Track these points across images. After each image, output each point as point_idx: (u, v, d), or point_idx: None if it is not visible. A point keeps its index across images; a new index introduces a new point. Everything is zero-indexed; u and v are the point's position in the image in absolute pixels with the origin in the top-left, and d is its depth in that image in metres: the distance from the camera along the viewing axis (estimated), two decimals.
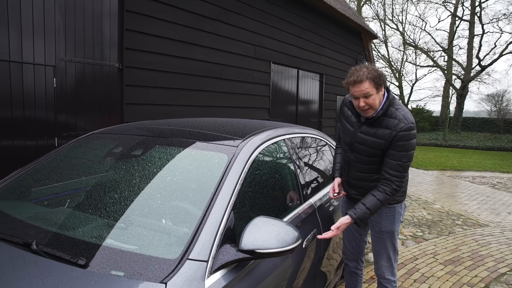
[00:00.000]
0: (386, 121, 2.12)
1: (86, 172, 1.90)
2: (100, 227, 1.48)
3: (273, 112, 7.27)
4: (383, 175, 2.14)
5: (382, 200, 2.12)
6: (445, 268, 3.75)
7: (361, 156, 2.23)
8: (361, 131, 2.21)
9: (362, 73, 2.06)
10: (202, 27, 5.28)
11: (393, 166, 2.10)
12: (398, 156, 2.09)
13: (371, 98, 2.07)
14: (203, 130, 2.06)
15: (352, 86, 2.10)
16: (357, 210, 2.13)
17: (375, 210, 2.14)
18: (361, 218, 2.12)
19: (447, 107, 23.38)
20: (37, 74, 3.56)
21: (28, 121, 3.52)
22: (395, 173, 2.10)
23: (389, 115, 2.13)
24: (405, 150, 2.08)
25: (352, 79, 2.09)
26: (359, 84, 2.06)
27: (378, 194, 2.13)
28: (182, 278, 1.19)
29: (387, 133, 2.09)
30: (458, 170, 10.50)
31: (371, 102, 2.09)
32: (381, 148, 2.13)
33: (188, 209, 1.50)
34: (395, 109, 2.14)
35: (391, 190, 2.12)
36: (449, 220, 5.50)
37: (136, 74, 4.41)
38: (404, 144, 2.07)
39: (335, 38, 9.28)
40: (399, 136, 2.07)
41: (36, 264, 1.27)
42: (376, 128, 2.14)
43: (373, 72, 2.07)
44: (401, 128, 2.06)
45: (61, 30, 3.70)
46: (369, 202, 2.13)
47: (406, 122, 2.08)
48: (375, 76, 2.06)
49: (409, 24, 33.02)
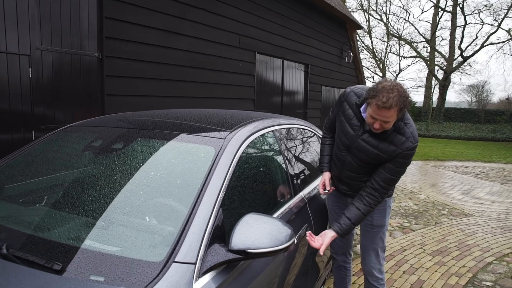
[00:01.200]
0: (393, 136, 1.96)
1: (63, 168, 1.77)
2: (78, 227, 1.37)
3: (258, 103, 7.17)
4: (372, 184, 2.05)
5: (365, 213, 2.07)
6: (433, 259, 3.76)
7: (358, 161, 2.12)
8: (362, 139, 2.05)
9: (392, 99, 1.78)
10: (185, 16, 5.12)
11: (386, 179, 2.02)
12: (394, 171, 2.01)
13: (388, 124, 1.87)
14: (188, 122, 1.95)
15: (376, 108, 1.82)
16: (342, 226, 2.04)
17: (359, 223, 2.09)
18: (346, 232, 2.06)
19: (430, 98, 23.68)
20: (10, 64, 3.37)
21: (2, 113, 3.33)
22: (385, 185, 2.03)
23: (397, 130, 1.97)
24: (402, 167, 2.01)
25: (381, 103, 1.78)
26: (386, 110, 1.79)
27: (363, 207, 2.06)
28: (167, 283, 1.09)
29: (391, 149, 1.97)
30: (441, 160, 10.63)
31: (386, 127, 1.89)
32: (381, 161, 2.04)
33: (174, 206, 1.40)
34: (403, 124, 1.98)
35: (375, 202, 2.06)
36: (435, 210, 5.53)
37: (117, 64, 4.24)
38: (404, 162, 1.99)
39: (320, 28, 9.19)
40: (403, 155, 1.96)
41: (5, 270, 1.15)
42: (380, 141, 1.99)
43: (403, 99, 1.81)
44: (407, 148, 1.95)
45: (36, 18, 3.50)
46: (354, 216, 2.05)
47: (413, 142, 1.95)
48: (403, 106, 1.82)
49: (393, 14, 33.09)
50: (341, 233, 2.03)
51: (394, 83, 1.86)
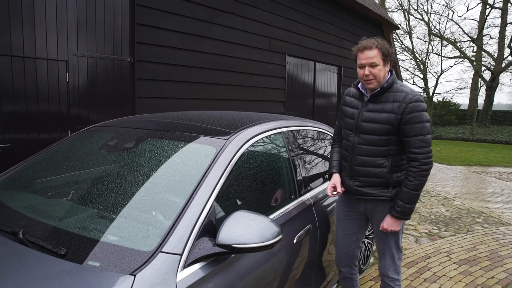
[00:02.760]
0: (392, 95, 2.10)
1: (80, 165, 1.93)
2: (85, 218, 1.50)
3: (289, 105, 7.20)
4: (409, 157, 2.09)
5: (416, 188, 2.07)
6: (459, 267, 3.62)
7: (369, 136, 2.15)
8: (367, 110, 2.17)
9: (372, 42, 2.09)
10: (214, 20, 5.27)
11: (415, 143, 2.05)
12: (416, 130, 2.04)
13: (376, 68, 2.07)
14: (197, 123, 2.05)
15: (360, 53, 2.10)
16: (397, 209, 2.10)
17: (415, 200, 2.10)
18: (405, 214, 2.11)
19: (475, 100, 22.49)
20: (50, 69, 3.66)
21: (42, 115, 3.63)
22: (419, 150, 2.04)
23: (394, 90, 2.12)
24: (421, 122, 2.04)
25: (362, 45, 2.10)
26: (368, 50, 2.07)
27: (410, 184, 2.07)
28: (152, 270, 1.19)
29: (396, 106, 2.07)
30: (484, 166, 10.10)
31: (376, 72, 2.08)
32: (391, 123, 2.07)
33: (171, 201, 1.50)
34: (399, 85, 2.14)
35: (420, 172, 2.05)
36: (469, 217, 5.30)
37: (147, 68, 4.46)
38: (417, 115, 2.03)
39: (354, 29, 9.07)
40: (410, 107, 2.04)
41: (17, 253, 1.30)
42: (383, 103, 2.12)
43: (383, 44, 2.09)
44: (410, 99, 2.05)
45: (73, 26, 3.78)
46: (405, 196, 2.09)
47: (414, 94, 2.08)
48: (384, 48, 2.08)
49: (435, 13, 31.74)
50: (398, 216, 2.11)
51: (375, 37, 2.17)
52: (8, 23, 3.32)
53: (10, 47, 3.35)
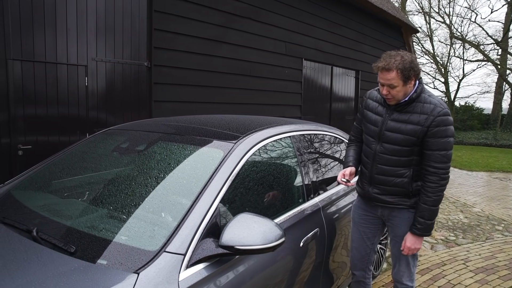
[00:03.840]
0: (420, 106, 2.03)
1: (93, 167, 2.00)
2: (95, 218, 1.56)
3: (305, 109, 7.20)
4: (428, 170, 2.04)
5: (436, 204, 2.05)
6: (475, 276, 3.54)
7: (392, 146, 2.10)
8: (392, 119, 2.10)
9: (393, 62, 1.97)
10: (231, 25, 5.34)
11: (437, 157, 2.00)
12: (440, 145, 1.99)
13: (395, 89, 2.00)
14: (207, 127, 2.09)
15: (380, 72, 2.04)
16: (418, 227, 2.08)
17: (435, 215, 2.08)
18: (427, 231, 2.09)
19: (499, 104, 21.84)
20: (70, 74, 3.79)
21: (62, 118, 3.75)
22: (440, 165, 2.00)
23: (422, 100, 2.04)
24: (446, 136, 1.99)
25: (381, 65, 2.01)
26: (386, 72, 1.99)
27: (429, 200, 2.04)
28: (155, 269, 1.23)
29: (423, 118, 2.00)
30: (507, 172, 9.81)
31: (394, 94, 2.02)
32: (416, 135, 2.02)
33: (178, 202, 1.54)
34: (427, 96, 2.06)
35: (439, 187, 2.02)
36: (489, 225, 5.16)
37: (164, 72, 4.55)
38: (444, 129, 1.98)
39: (372, 33, 8.99)
40: (438, 121, 1.97)
41: (30, 249, 1.36)
42: (410, 114, 2.05)
43: (405, 63, 1.97)
44: (438, 113, 1.98)
45: (93, 31, 3.91)
46: (426, 213, 2.06)
47: (442, 107, 2.00)
48: (405, 68, 1.96)
49: (457, 16, 31.01)
50: (419, 233, 2.08)
51: (404, 52, 2.02)
52: (31, 30, 3.46)
53: (33, 53, 3.49)
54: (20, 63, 3.42)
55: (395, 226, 2.25)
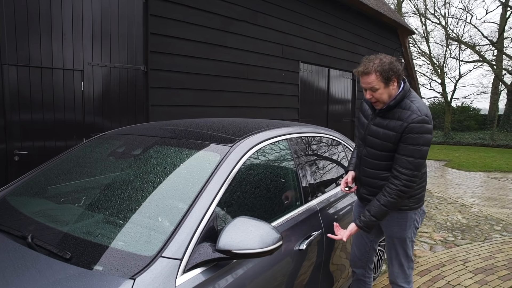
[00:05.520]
0: (399, 112, 2.03)
1: (89, 171, 1.99)
2: (91, 223, 1.55)
3: (303, 111, 7.20)
4: (392, 173, 2.06)
5: (387, 205, 2.05)
6: (474, 276, 3.53)
7: (373, 150, 2.14)
8: (374, 123, 2.14)
9: (371, 65, 1.98)
10: (227, 29, 5.34)
11: (403, 162, 2.00)
12: (408, 151, 1.99)
13: (377, 92, 2.02)
14: (203, 130, 2.09)
15: (360, 77, 2.04)
16: (361, 218, 2.10)
17: (382, 216, 2.08)
18: (367, 226, 2.08)
19: (496, 105, 21.91)
20: (66, 79, 3.77)
21: (58, 123, 3.74)
22: (404, 170, 2.00)
23: (403, 106, 2.04)
24: (417, 144, 1.97)
25: (360, 70, 2.02)
26: (365, 76, 2.00)
27: (382, 199, 2.06)
28: (151, 275, 1.21)
29: (398, 124, 2.00)
30: (505, 172, 9.82)
31: (378, 96, 2.03)
32: (392, 141, 2.04)
33: (174, 207, 1.53)
34: (410, 101, 2.04)
35: (397, 192, 2.02)
36: (487, 225, 5.16)
37: (161, 76, 4.54)
38: (415, 137, 1.96)
39: (368, 35, 9.02)
40: (410, 128, 1.96)
41: (25, 256, 1.35)
42: (389, 119, 2.06)
43: (383, 65, 1.97)
44: (412, 120, 1.97)
45: (89, 36, 3.90)
46: (373, 208, 2.08)
47: (419, 114, 1.97)
48: (384, 70, 1.97)
49: (453, 17, 31.18)
50: (360, 225, 2.08)
51: (382, 55, 2.02)
52: (26, 35, 3.45)
53: (29, 58, 3.48)
54: (15, 68, 3.40)
55: (386, 227, 2.29)
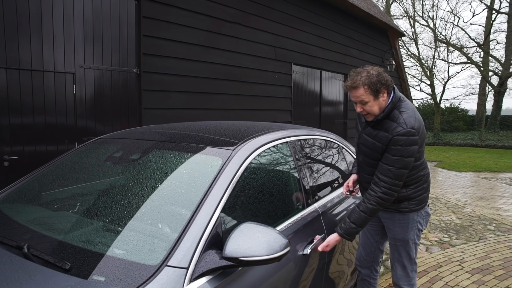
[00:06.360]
0: (387, 123, 2.04)
1: (86, 177, 1.92)
2: (90, 231, 1.49)
3: (296, 114, 7.18)
4: (374, 179, 2.08)
5: (366, 211, 2.04)
6: (472, 277, 3.54)
7: (366, 158, 2.20)
8: (365, 133, 2.18)
9: (358, 79, 1.99)
10: (220, 31, 5.30)
11: (384, 170, 2.02)
12: (390, 160, 2.00)
13: (367, 105, 2.03)
14: (203, 134, 2.04)
15: (349, 91, 2.06)
16: (341, 225, 2.08)
17: (362, 223, 2.06)
18: (348, 233, 2.05)
19: (484, 106, 22.26)
20: (57, 82, 3.69)
21: (49, 127, 3.65)
22: (384, 178, 2.02)
23: (391, 118, 2.05)
24: (400, 156, 1.98)
25: (348, 84, 2.04)
26: (354, 90, 2.01)
27: (362, 205, 2.07)
28: (157, 285, 1.16)
29: (384, 136, 2.03)
30: (494, 172, 9.95)
31: (368, 109, 2.04)
32: (379, 151, 2.07)
33: (177, 213, 1.48)
34: (399, 112, 2.04)
35: (376, 198, 2.02)
36: (480, 225, 5.20)
37: (154, 79, 4.48)
38: (399, 148, 1.98)
39: (360, 37, 9.06)
40: (394, 140, 1.98)
41: (21, 268, 1.29)
42: (378, 130, 2.09)
43: (371, 78, 1.98)
44: (397, 132, 1.97)
45: (80, 38, 3.82)
46: (353, 215, 2.07)
47: (404, 127, 1.97)
48: (372, 83, 1.97)
49: (441, 20, 31.65)
50: (340, 233, 2.05)
51: (370, 68, 2.03)
52: (16, 37, 3.36)
53: (18, 60, 3.39)
54: (5, 71, 3.31)
55: (388, 229, 2.32)
